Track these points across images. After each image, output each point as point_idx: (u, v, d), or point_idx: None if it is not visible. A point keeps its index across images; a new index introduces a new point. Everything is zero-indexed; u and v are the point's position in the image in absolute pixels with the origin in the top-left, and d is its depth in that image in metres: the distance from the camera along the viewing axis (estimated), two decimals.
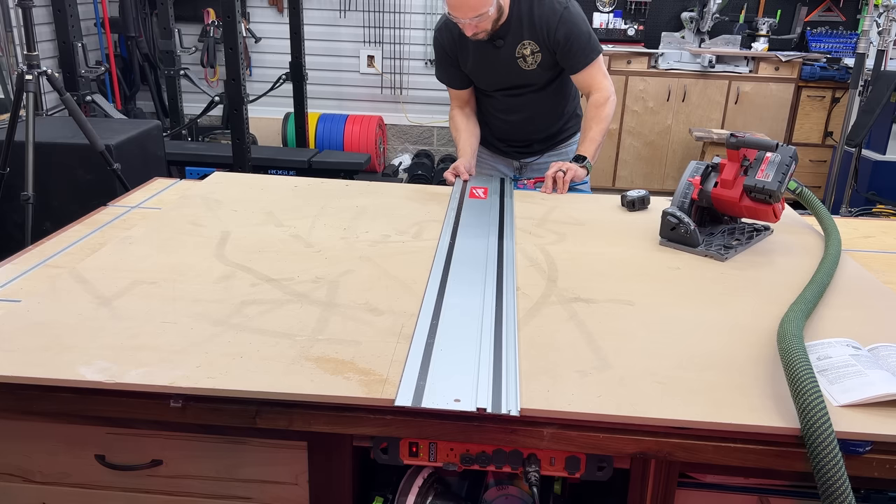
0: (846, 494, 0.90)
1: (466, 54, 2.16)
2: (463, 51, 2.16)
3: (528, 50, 2.09)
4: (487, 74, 2.19)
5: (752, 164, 1.61)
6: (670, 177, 5.49)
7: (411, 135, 6.06)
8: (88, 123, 2.82)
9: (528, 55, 2.09)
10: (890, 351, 1.15)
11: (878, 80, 4.41)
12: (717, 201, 1.68)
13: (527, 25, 2.06)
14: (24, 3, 2.77)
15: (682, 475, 1.10)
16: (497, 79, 2.19)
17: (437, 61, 2.26)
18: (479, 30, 1.98)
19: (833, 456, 0.92)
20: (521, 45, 2.08)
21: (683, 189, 1.70)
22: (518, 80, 2.16)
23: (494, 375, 1.09)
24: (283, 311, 1.29)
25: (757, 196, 1.59)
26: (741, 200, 1.62)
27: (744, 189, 1.61)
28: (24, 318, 1.22)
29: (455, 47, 2.16)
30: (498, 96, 2.24)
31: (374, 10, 5.70)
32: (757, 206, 1.61)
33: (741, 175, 1.63)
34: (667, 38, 5.42)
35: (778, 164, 1.57)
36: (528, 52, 2.09)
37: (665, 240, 1.67)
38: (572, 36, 2.05)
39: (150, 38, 5.55)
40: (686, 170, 1.73)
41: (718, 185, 1.66)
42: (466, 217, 1.84)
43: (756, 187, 1.58)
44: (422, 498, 1.19)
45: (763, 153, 1.60)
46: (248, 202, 1.90)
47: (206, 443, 1.14)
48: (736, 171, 1.63)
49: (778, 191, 1.56)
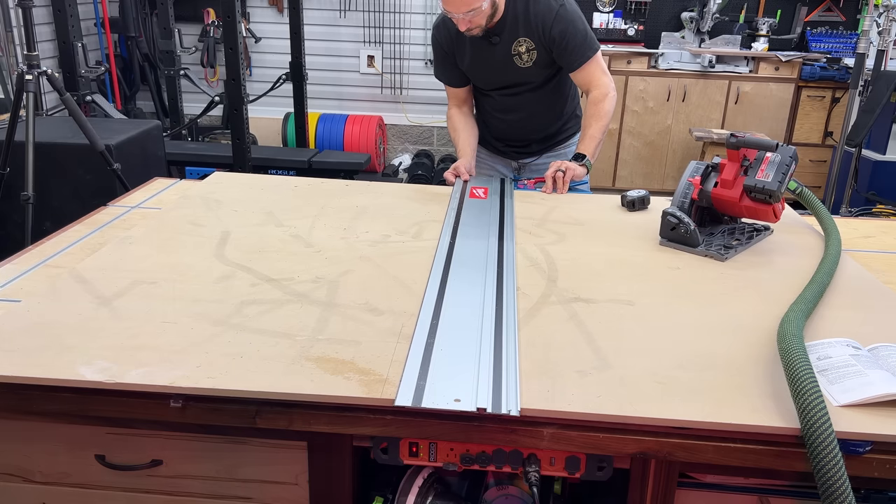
0: (846, 494, 0.90)
1: (463, 51, 2.16)
2: (460, 48, 2.16)
3: (523, 48, 2.08)
4: (484, 72, 2.19)
5: (752, 164, 1.62)
6: (670, 177, 5.49)
7: (411, 135, 6.06)
8: (88, 123, 2.82)
9: (523, 52, 2.09)
10: (890, 351, 1.15)
11: (878, 80, 4.41)
12: (717, 201, 1.68)
13: (522, 23, 2.06)
14: (24, 3, 2.77)
15: (682, 475, 1.11)
16: (493, 76, 2.19)
17: (436, 59, 2.27)
18: (472, 25, 1.98)
19: (833, 456, 0.92)
20: (517, 42, 2.08)
21: (683, 189, 1.71)
22: (514, 79, 2.16)
23: (494, 375, 1.09)
24: (283, 311, 1.29)
25: (757, 196, 1.60)
26: (741, 200, 1.63)
27: (744, 189, 1.62)
28: (24, 318, 1.22)
29: (452, 44, 2.17)
30: (495, 95, 2.24)
31: (374, 10, 5.70)
32: (757, 206, 1.62)
33: (741, 175, 1.63)
34: (667, 38, 5.42)
35: (778, 164, 1.57)
36: (524, 50, 2.08)
37: (665, 240, 1.68)
38: (568, 34, 2.04)
39: (150, 38, 5.55)
40: (686, 170, 1.73)
41: (718, 185, 1.66)
42: (466, 217, 1.84)
43: (756, 187, 1.58)
44: (422, 498, 1.19)
45: (763, 153, 1.60)
46: (248, 202, 1.90)
47: (206, 443, 1.14)
48: (736, 172, 1.63)
49: (778, 191, 1.56)
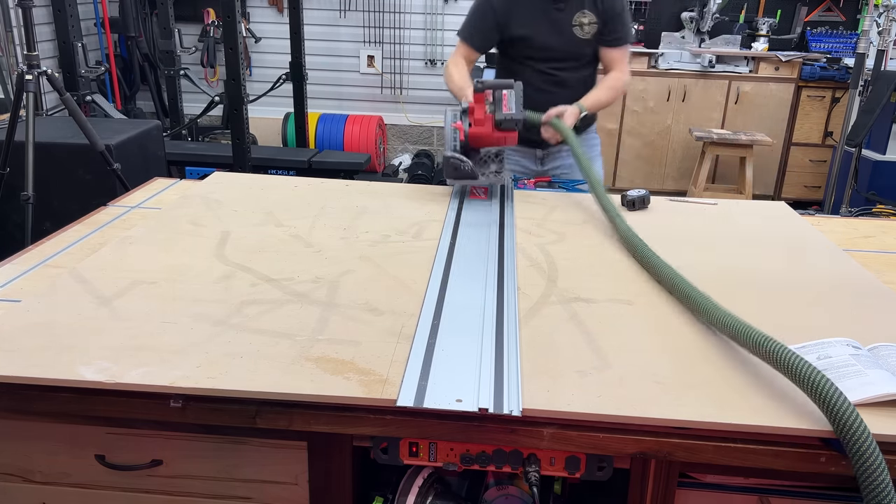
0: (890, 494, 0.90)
1: (522, 10, 2.23)
2: (517, 6, 2.23)
3: (585, 19, 2.22)
4: (544, 35, 2.25)
5: (493, 103, 1.89)
6: (670, 177, 5.49)
7: (411, 135, 6.06)
8: (88, 123, 2.81)
9: (585, 24, 2.22)
10: (890, 351, 1.15)
11: (878, 80, 4.42)
12: (473, 138, 1.93)
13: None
14: (24, 3, 2.77)
15: (682, 475, 1.11)
16: (552, 41, 2.26)
17: (475, 16, 2.30)
18: None
19: (876, 457, 0.91)
20: (581, 13, 2.22)
21: (451, 134, 1.93)
22: (572, 48, 2.27)
23: (496, 375, 1.09)
24: (283, 311, 1.29)
25: (506, 125, 1.88)
26: (493, 133, 1.90)
27: (494, 123, 1.89)
28: (24, 318, 1.22)
29: (508, 7, 2.23)
30: (546, 69, 2.30)
31: (374, 10, 5.70)
32: (505, 135, 1.90)
33: (489, 113, 1.90)
34: (667, 38, 5.42)
35: (516, 98, 1.88)
36: (586, 21, 2.22)
37: (451, 180, 1.95)
38: (625, 11, 2.27)
39: (150, 38, 5.55)
40: (445, 118, 1.96)
41: (473, 126, 1.91)
42: (466, 217, 1.84)
43: (506, 119, 1.87)
44: (422, 498, 1.19)
45: (500, 91, 1.88)
46: (248, 202, 1.90)
47: (206, 443, 1.14)
48: (483, 111, 1.90)
49: (522, 118, 1.90)
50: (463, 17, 2.35)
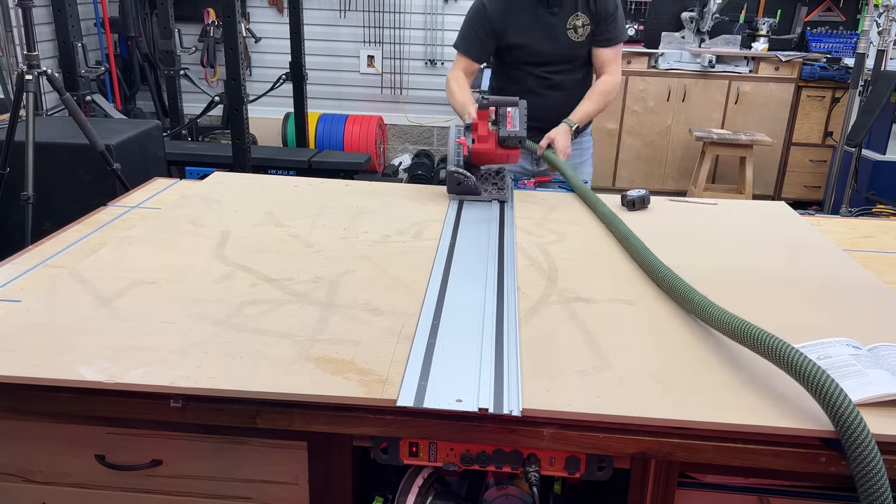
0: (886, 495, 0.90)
1: (517, 18, 2.23)
2: (512, 15, 2.24)
3: (579, 21, 2.24)
4: (538, 40, 2.26)
5: (498, 120, 1.91)
6: (670, 177, 5.49)
7: (411, 135, 6.05)
8: (88, 123, 2.81)
9: (579, 27, 2.24)
10: (890, 351, 1.15)
11: (878, 80, 4.41)
12: (476, 155, 1.95)
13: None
14: (24, 3, 2.77)
15: (682, 475, 1.11)
16: (547, 47, 2.27)
17: (469, 27, 2.30)
18: None
19: (875, 457, 0.91)
20: (574, 16, 2.23)
21: (455, 149, 1.94)
22: (567, 52, 2.28)
23: (496, 375, 1.09)
24: (283, 311, 1.29)
25: (509, 143, 1.90)
26: (496, 150, 1.92)
27: (498, 140, 1.91)
28: (24, 318, 1.22)
29: (502, 15, 2.24)
30: (540, 72, 2.31)
31: (374, 10, 5.70)
32: (508, 152, 1.92)
33: (492, 130, 1.92)
34: (667, 38, 5.42)
35: (520, 116, 1.90)
36: (580, 24, 2.24)
37: (454, 195, 1.96)
38: (618, 10, 2.28)
39: (150, 38, 5.55)
40: (450, 134, 1.97)
41: (476, 142, 1.93)
42: (466, 217, 1.84)
43: (510, 137, 1.89)
44: (422, 498, 1.19)
45: (505, 109, 1.90)
46: (248, 202, 1.90)
47: (206, 443, 1.14)
48: (488, 127, 1.92)
49: (525, 136, 1.91)
50: (463, 17, 2.35)
